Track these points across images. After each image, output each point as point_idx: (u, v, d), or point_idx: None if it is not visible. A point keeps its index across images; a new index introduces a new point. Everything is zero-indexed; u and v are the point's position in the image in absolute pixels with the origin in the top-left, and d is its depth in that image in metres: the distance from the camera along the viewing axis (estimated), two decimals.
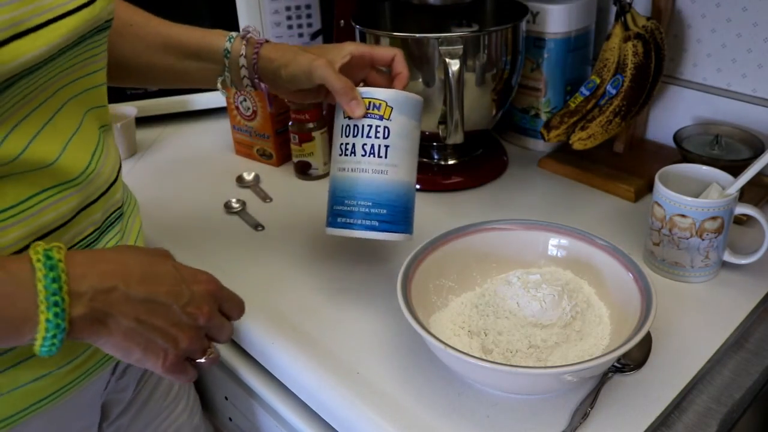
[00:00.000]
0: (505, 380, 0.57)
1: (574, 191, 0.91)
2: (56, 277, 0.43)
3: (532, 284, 0.64)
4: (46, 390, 0.54)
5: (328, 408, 0.62)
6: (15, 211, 0.48)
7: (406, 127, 0.65)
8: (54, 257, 0.44)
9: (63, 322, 0.43)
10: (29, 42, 0.44)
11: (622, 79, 0.86)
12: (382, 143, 0.64)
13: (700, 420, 0.57)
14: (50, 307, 0.43)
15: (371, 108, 0.64)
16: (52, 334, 0.43)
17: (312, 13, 1.14)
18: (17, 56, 0.43)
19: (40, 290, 0.43)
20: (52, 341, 0.44)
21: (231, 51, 0.69)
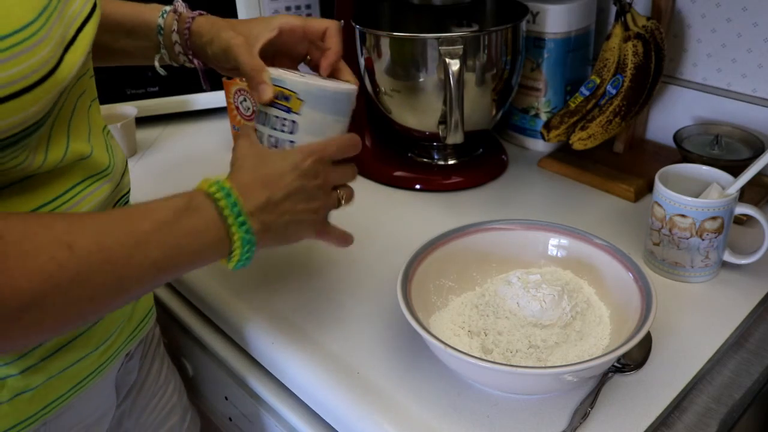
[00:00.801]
0: (505, 380, 0.57)
1: (574, 191, 0.91)
2: (235, 201, 0.51)
3: (532, 284, 0.64)
4: (85, 371, 0.59)
5: (328, 408, 0.62)
6: (61, 201, 0.51)
7: (319, 125, 0.59)
8: (226, 186, 0.51)
9: (253, 236, 0.52)
10: (74, 52, 0.47)
11: (622, 79, 0.86)
12: (286, 138, 0.59)
13: (700, 420, 0.57)
14: (240, 227, 0.51)
15: (280, 98, 0.58)
16: (247, 248, 0.52)
17: (312, 13, 1.14)
18: (71, 66, 0.47)
19: (228, 215, 0.50)
20: (248, 255, 0.52)
21: (164, 27, 0.66)
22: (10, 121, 0.42)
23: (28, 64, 0.41)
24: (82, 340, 0.57)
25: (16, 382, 0.53)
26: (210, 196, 0.50)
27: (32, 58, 0.42)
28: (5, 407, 0.53)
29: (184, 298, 0.82)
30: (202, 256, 0.50)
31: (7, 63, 0.40)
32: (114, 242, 0.44)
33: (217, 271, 0.77)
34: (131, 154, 1.08)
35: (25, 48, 0.41)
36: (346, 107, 0.61)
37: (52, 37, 0.44)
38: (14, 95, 0.41)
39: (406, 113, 0.91)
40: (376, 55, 0.88)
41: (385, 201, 0.92)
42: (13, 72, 0.41)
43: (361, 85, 0.94)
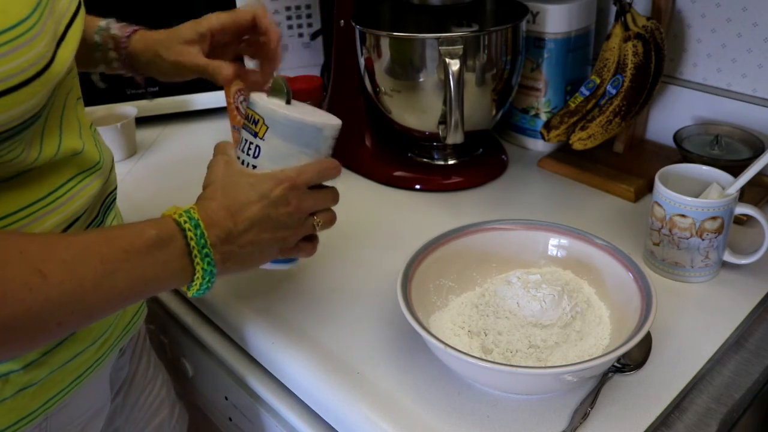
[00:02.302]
0: (505, 380, 0.57)
1: (574, 191, 0.91)
2: (202, 233, 0.52)
3: (532, 284, 0.64)
4: (84, 364, 0.60)
5: (328, 408, 0.62)
6: (55, 196, 0.53)
7: (283, 154, 0.58)
8: (194, 216, 0.52)
9: (214, 268, 0.53)
10: (66, 47, 0.49)
11: (622, 79, 0.86)
12: (250, 162, 0.59)
13: (700, 420, 0.57)
14: (203, 258, 0.52)
15: (250, 120, 0.59)
16: (207, 279, 0.53)
17: (312, 13, 1.14)
18: (64, 61, 0.48)
19: (194, 247, 0.51)
20: (207, 285, 0.53)
21: (101, 44, 0.69)
22: (9, 114, 0.43)
23: (25, 58, 0.42)
24: (81, 334, 0.58)
25: (19, 377, 0.53)
26: (179, 225, 0.51)
27: (29, 52, 0.43)
28: (9, 403, 0.53)
29: (184, 298, 0.82)
30: (165, 284, 0.52)
31: (6, 57, 0.41)
32: (85, 271, 0.45)
33: None
34: (131, 154, 1.08)
35: (22, 42, 0.42)
36: (316, 141, 0.59)
37: (46, 31, 0.45)
38: (13, 88, 0.42)
39: (406, 113, 0.91)
40: (376, 55, 0.88)
41: (385, 201, 0.92)
42: (12, 66, 0.42)
43: (361, 85, 0.94)
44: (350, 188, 0.95)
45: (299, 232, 0.58)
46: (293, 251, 0.60)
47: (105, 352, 0.62)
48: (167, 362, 0.91)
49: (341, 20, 0.94)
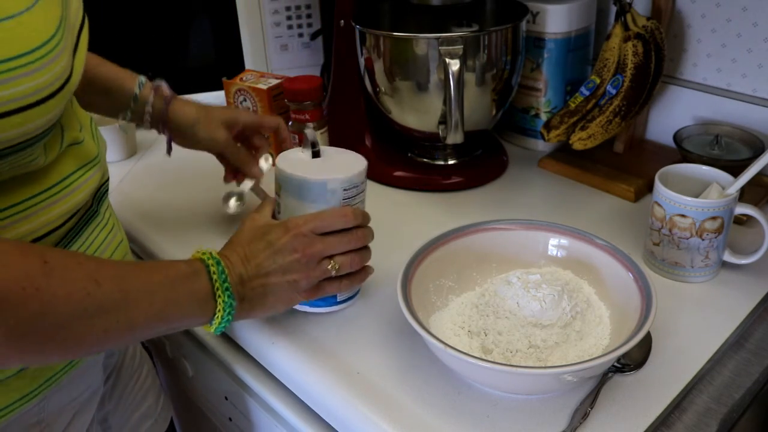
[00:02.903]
0: (505, 380, 0.57)
1: (574, 191, 0.91)
2: (223, 269, 0.57)
3: (532, 284, 0.64)
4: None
5: (327, 408, 0.62)
6: (58, 188, 0.55)
7: (293, 209, 0.64)
8: (217, 257, 0.57)
9: (234, 302, 0.57)
10: (79, 57, 0.52)
11: (622, 79, 0.86)
12: (278, 219, 0.66)
13: (700, 420, 0.57)
14: (224, 291, 0.56)
15: (275, 179, 0.66)
16: (228, 311, 0.56)
17: (312, 13, 1.14)
18: (78, 71, 0.51)
19: (215, 279, 0.56)
20: (228, 318, 0.57)
21: (140, 97, 0.76)
22: (35, 124, 0.46)
23: (52, 73, 0.45)
24: None
25: None
26: (204, 262, 0.57)
27: (56, 67, 0.46)
28: (11, 382, 0.55)
29: None
30: (192, 314, 0.56)
31: (37, 73, 0.44)
32: (131, 286, 0.51)
33: None
34: (131, 154, 1.08)
35: (50, 59, 0.45)
36: (323, 196, 0.63)
37: (67, 46, 0.48)
38: (41, 101, 0.45)
39: (406, 113, 0.91)
40: (376, 55, 0.88)
41: (385, 201, 0.92)
42: (42, 81, 0.44)
43: (362, 85, 0.94)
44: None
45: (311, 275, 0.61)
46: (316, 292, 0.63)
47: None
48: (167, 362, 0.91)
49: (341, 20, 0.94)
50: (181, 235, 0.85)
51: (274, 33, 1.14)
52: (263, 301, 0.60)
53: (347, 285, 0.65)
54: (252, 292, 0.59)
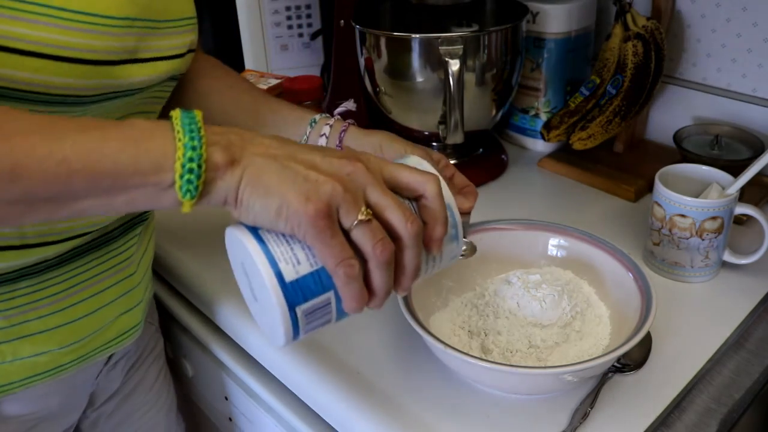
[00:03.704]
0: (505, 380, 0.57)
1: (574, 191, 0.91)
2: (192, 117, 0.42)
3: (532, 284, 0.64)
4: (43, 366, 0.59)
5: (327, 408, 0.62)
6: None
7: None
8: (192, 112, 0.42)
9: (199, 144, 0.40)
10: (139, 68, 0.53)
11: (622, 79, 0.86)
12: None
13: (700, 420, 0.57)
14: (186, 131, 0.41)
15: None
16: (189, 157, 0.40)
17: (312, 13, 1.14)
18: (129, 76, 0.52)
19: (176, 123, 0.41)
20: (190, 167, 0.40)
21: (309, 137, 0.65)
22: (55, 79, 0.47)
23: (83, 41, 0.48)
24: (45, 336, 0.58)
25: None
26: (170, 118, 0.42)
27: (94, 40, 0.48)
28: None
29: (184, 298, 0.82)
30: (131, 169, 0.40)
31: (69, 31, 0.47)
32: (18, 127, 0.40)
33: (218, 270, 0.77)
34: None
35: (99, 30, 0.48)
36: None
37: (122, 40, 0.51)
38: (61, 59, 0.47)
39: (406, 113, 0.91)
40: (376, 55, 0.88)
41: None
42: (75, 41, 0.47)
43: (361, 85, 0.94)
44: None
45: (337, 187, 0.41)
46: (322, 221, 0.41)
47: (75, 360, 0.62)
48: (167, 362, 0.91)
49: (341, 20, 0.94)
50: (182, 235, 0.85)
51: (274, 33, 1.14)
52: (260, 176, 0.41)
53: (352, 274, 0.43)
54: (251, 158, 0.42)
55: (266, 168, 0.42)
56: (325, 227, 0.41)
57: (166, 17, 0.56)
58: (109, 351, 0.66)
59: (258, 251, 0.43)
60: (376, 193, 0.43)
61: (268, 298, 0.43)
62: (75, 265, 0.59)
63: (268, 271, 0.43)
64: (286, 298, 0.43)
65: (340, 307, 0.46)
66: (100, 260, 0.61)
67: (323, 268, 0.44)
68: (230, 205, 0.43)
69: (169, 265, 0.81)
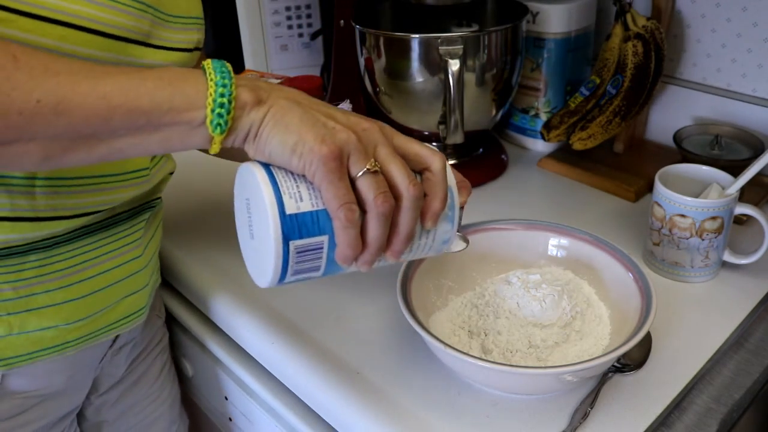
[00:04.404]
0: (505, 380, 0.57)
1: (574, 191, 0.91)
2: (224, 64, 0.45)
3: (532, 284, 0.64)
4: (49, 341, 0.60)
5: (328, 408, 0.62)
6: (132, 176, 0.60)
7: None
8: (222, 61, 0.46)
9: (229, 82, 0.44)
10: (152, 53, 0.55)
11: (622, 79, 0.86)
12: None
13: (700, 420, 0.57)
14: (217, 72, 0.45)
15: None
16: (221, 93, 0.44)
17: (312, 13, 1.14)
18: (143, 57, 0.54)
19: (208, 67, 0.45)
20: (221, 102, 0.44)
21: None
22: (77, 48, 0.49)
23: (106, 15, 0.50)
24: (51, 310, 0.59)
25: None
26: (202, 67, 0.46)
27: (115, 16, 0.51)
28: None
29: (184, 298, 0.82)
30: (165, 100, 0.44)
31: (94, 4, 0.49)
32: (63, 67, 0.43)
33: (218, 270, 0.77)
34: None
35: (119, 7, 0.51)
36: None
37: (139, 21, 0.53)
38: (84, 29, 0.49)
39: (406, 113, 0.91)
40: (376, 55, 0.88)
41: None
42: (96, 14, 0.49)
43: (361, 85, 0.94)
44: None
45: (352, 136, 0.45)
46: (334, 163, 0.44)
47: (77, 339, 0.62)
48: None
49: (341, 20, 0.94)
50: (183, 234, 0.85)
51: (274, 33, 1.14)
52: (288, 120, 0.45)
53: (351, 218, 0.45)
54: (276, 100, 0.45)
55: (289, 110, 0.45)
56: (335, 168, 0.44)
57: (174, 12, 0.59)
58: (114, 332, 0.66)
59: (266, 180, 0.46)
60: (385, 150, 0.46)
61: (265, 227, 0.45)
62: (83, 242, 0.60)
63: (271, 199, 0.45)
64: (282, 229, 0.45)
65: (331, 256, 0.47)
66: (108, 240, 0.62)
67: (324, 210, 0.46)
68: (250, 140, 0.46)
69: (169, 265, 0.81)
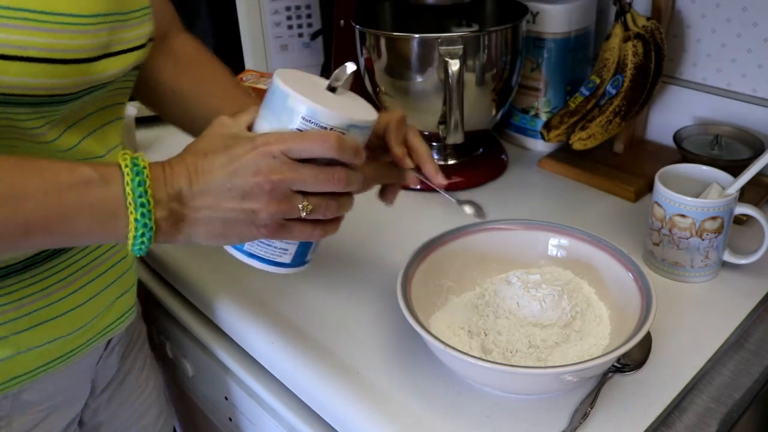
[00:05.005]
0: (505, 380, 0.57)
1: (574, 191, 0.91)
2: (142, 181, 0.47)
3: (532, 284, 0.64)
4: (54, 353, 0.60)
5: (328, 408, 0.62)
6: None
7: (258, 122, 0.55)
8: (140, 164, 0.48)
9: (150, 221, 0.47)
10: (112, 62, 0.54)
11: (622, 79, 0.86)
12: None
13: (700, 420, 0.57)
14: (137, 207, 0.47)
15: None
16: (141, 233, 0.48)
17: (312, 13, 1.14)
18: (104, 70, 0.54)
19: (128, 192, 0.47)
20: (142, 240, 0.48)
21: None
22: (40, 81, 0.49)
23: (64, 41, 0.49)
24: (54, 323, 0.59)
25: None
26: (120, 169, 0.48)
27: (73, 40, 0.50)
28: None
29: (184, 298, 0.82)
30: (89, 229, 0.48)
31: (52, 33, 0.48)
32: (26, 183, 0.44)
33: (217, 270, 0.77)
34: None
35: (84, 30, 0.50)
36: (281, 109, 0.51)
37: (97, 38, 0.52)
38: (45, 60, 0.48)
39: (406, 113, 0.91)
40: (376, 55, 0.88)
41: None
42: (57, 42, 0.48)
43: (362, 85, 0.94)
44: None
45: (272, 208, 0.49)
46: (278, 231, 0.51)
47: (80, 346, 0.63)
48: (167, 362, 0.91)
49: (341, 20, 0.94)
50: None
51: (274, 33, 1.14)
52: (211, 227, 0.50)
53: (320, 234, 0.53)
54: (195, 214, 0.49)
55: (210, 224, 0.50)
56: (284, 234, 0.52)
57: (130, 8, 0.57)
58: (110, 334, 0.67)
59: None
60: (299, 184, 0.50)
61: None
62: (75, 251, 0.60)
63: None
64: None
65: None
66: (96, 244, 0.62)
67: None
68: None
69: (169, 265, 0.81)
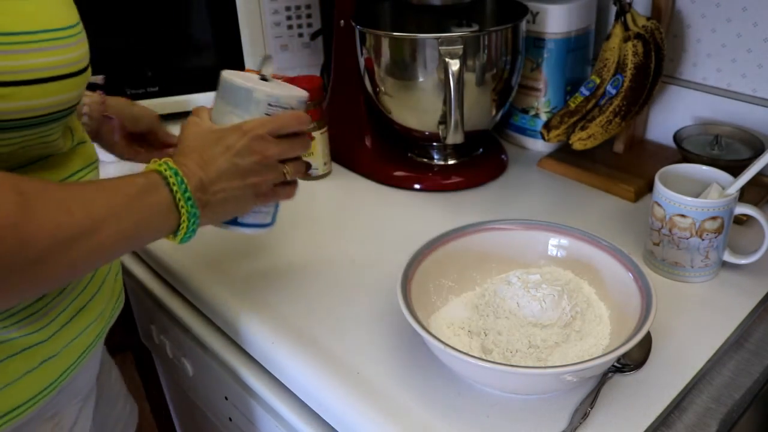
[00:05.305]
0: (505, 380, 0.57)
1: (574, 191, 0.91)
2: (182, 179, 0.56)
3: (532, 284, 0.64)
4: (89, 338, 0.62)
5: (328, 408, 0.62)
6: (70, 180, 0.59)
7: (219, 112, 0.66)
8: (173, 167, 0.56)
9: (197, 209, 0.56)
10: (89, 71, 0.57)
11: (622, 79, 0.86)
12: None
13: (700, 420, 0.57)
14: (187, 201, 0.56)
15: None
16: (193, 222, 0.56)
17: (312, 13, 1.14)
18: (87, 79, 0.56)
19: (176, 191, 0.55)
20: (193, 227, 0.57)
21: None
22: (59, 98, 0.51)
23: (79, 52, 0.52)
24: (88, 307, 0.61)
25: (44, 348, 0.56)
26: (161, 174, 0.56)
27: (81, 49, 0.53)
28: (36, 373, 0.56)
29: (184, 299, 0.82)
30: (157, 228, 0.56)
31: (59, 50, 0.50)
32: (98, 212, 0.50)
33: (218, 270, 0.77)
34: None
35: (69, 42, 0.51)
36: (247, 103, 0.62)
37: (84, 45, 0.54)
38: (62, 77, 0.50)
39: (406, 113, 0.91)
40: (376, 55, 0.88)
41: (385, 201, 0.92)
42: (61, 59, 0.50)
43: (361, 85, 0.94)
44: (350, 188, 0.96)
45: (269, 178, 0.62)
46: (270, 196, 0.64)
47: (102, 329, 0.64)
48: (167, 362, 0.91)
49: (341, 20, 0.94)
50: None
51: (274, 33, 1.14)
52: (225, 206, 0.60)
53: (293, 190, 0.66)
54: (214, 197, 0.59)
55: (225, 204, 0.60)
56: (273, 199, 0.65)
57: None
58: (116, 315, 0.68)
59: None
60: (283, 154, 0.62)
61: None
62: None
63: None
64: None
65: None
66: None
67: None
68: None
69: (169, 265, 0.81)
